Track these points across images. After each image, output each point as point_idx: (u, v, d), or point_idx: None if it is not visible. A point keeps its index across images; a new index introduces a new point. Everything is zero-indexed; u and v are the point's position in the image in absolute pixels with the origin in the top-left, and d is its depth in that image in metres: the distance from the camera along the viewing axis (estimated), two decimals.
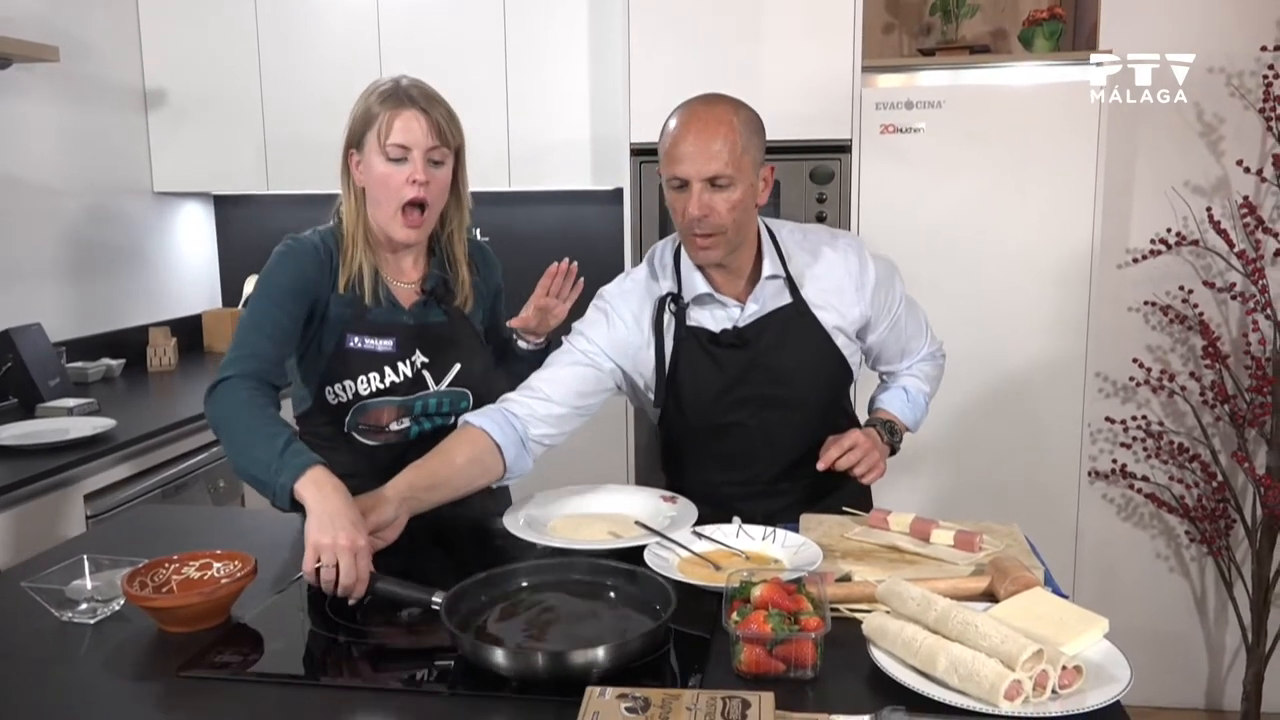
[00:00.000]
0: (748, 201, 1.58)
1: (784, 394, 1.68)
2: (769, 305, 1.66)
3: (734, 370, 1.67)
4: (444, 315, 1.71)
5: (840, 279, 1.67)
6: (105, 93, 3.25)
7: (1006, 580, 1.26)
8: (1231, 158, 2.93)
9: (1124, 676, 1.06)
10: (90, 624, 1.29)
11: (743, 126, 1.56)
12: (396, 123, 1.56)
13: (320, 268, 1.62)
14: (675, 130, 1.56)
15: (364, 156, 1.61)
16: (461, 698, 1.09)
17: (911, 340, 1.80)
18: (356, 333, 1.63)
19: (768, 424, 1.69)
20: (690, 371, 1.68)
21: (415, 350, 1.66)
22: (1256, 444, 2.96)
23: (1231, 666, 3.16)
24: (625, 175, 2.91)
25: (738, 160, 1.53)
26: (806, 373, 1.68)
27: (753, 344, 1.65)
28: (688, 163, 1.53)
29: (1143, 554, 3.16)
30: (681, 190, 1.56)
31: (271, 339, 1.57)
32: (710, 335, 1.67)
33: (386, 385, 1.64)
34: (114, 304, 3.30)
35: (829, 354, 1.68)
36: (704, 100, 1.59)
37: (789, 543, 1.47)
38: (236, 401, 1.48)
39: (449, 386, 1.70)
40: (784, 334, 1.65)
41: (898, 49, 3.29)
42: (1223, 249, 2.92)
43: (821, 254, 1.69)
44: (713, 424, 1.71)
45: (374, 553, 1.35)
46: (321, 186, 3.42)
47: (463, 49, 3.20)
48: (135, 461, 2.39)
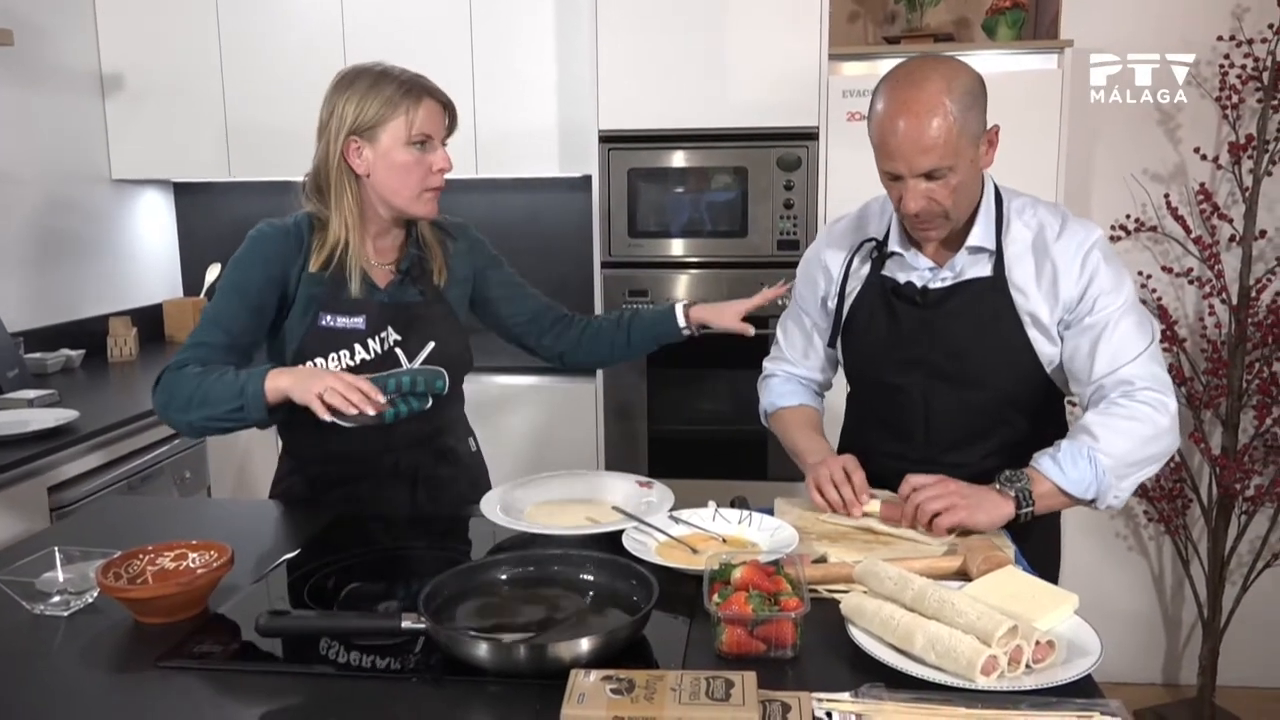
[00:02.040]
0: (970, 177, 1.48)
1: (957, 369, 1.57)
2: (967, 273, 1.56)
3: (910, 328, 1.59)
4: (420, 295, 1.73)
5: (1048, 266, 1.52)
6: (61, 77, 3.18)
7: (979, 559, 1.29)
8: (1188, 146, 2.99)
9: (1094, 650, 1.09)
10: (64, 616, 1.27)
11: (957, 105, 1.41)
12: (423, 112, 1.61)
13: (289, 250, 1.65)
14: (883, 116, 1.44)
15: (375, 144, 1.62)
16: (443, 683, 1.09)
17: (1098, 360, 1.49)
18: (329, 311, 1.66)
19: (934, 396, 1.60)
20: (866, 317, 1.64)
21: (386, 327, 1.68)
22: (1212, 425, 3.03)
23: (1188, 642, 3.25)
24: (594, 162, 2.90)
25: (954, 146, 1.42)
26: (986, 352, 1.55)
27: (934, 307, 1.57)
28: (900, 159, 1.43)
29: (1102, 534, 3.23)
30: (895, 181, 1.47)
31: (228, 332, 1.62)
32: (895, 286, 1.61)
33: (356, 363, 1.66)
34: (72, 293, 3.24)
35: (1017, 340, 1.54)
36: (911, 80, 1.44)
37: (765, 526, 1.49)
38: (181, 376, 1.56)
39: (422, 364, 1.71)
40: (971, 306, 1.55)
41: (863, 37, 3.32)
42: (1180, 235, 2.98)
43: (1042, 235, 1.54)
44: (879, 381, 1.66)
45: None
46: (284, 173, 3.38)
47: (429, 34, 3.16)
48: (100, 453, 2.35)
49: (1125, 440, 1.43)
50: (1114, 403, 1.47)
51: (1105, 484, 1.43)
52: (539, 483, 1.68)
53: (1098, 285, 1.50)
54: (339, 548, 1.52)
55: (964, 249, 1.55)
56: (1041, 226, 1.55)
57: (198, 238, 3.79)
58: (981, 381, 1.58)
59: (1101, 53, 2.98)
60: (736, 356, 2.92)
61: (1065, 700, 1.00)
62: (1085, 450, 1.43)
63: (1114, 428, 1.44)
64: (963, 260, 1.56)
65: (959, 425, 1.61)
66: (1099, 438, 1.43)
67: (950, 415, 1.61)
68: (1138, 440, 1.44)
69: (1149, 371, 1.47)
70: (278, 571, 1.42)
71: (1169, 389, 1.48)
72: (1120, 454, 1.43)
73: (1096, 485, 1.43)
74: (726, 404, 2.98)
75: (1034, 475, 1.44)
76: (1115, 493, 1.44)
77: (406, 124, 1.60)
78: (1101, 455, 1.42)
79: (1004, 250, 1.55)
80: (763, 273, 2.86)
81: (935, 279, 1.58)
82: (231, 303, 1.63)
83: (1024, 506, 1.42)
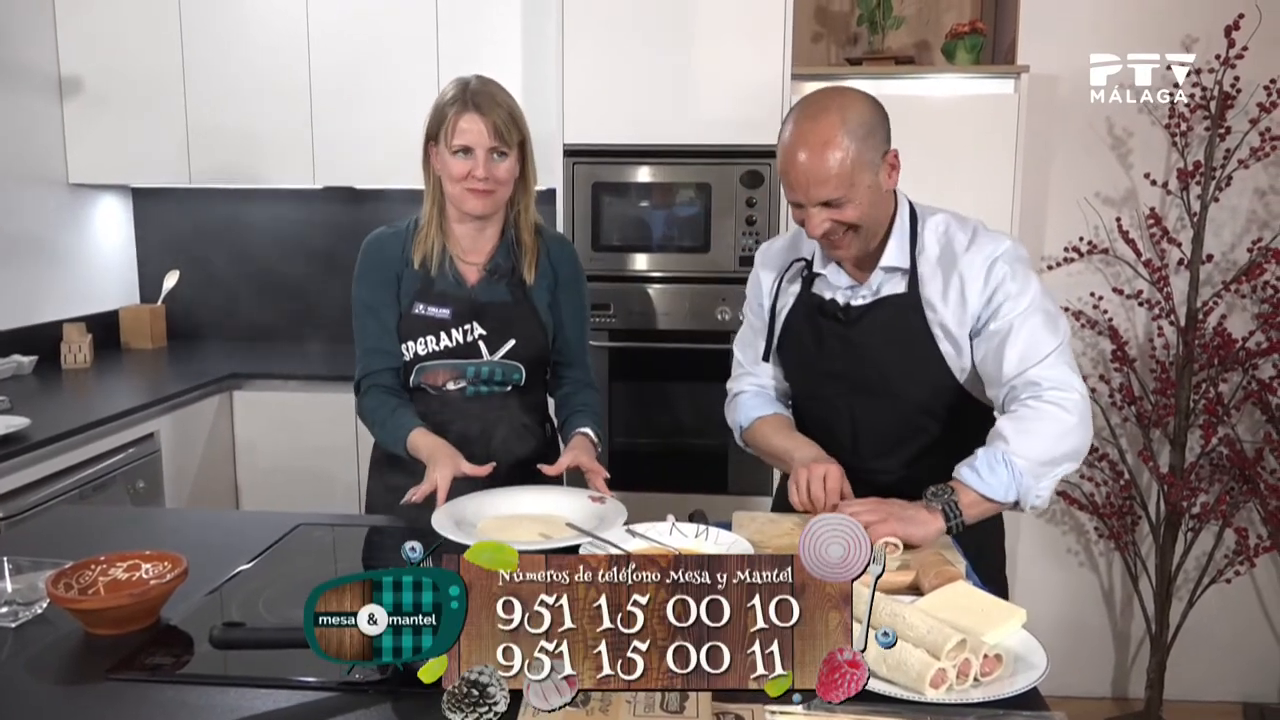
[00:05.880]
0: (871, 201, 1.55)
1: (877, 382, 1.66)
2: (884, 291, 1.65)
3: (833, 343, 1.69)
4: (508, 294, 1.89)
5: (955, 280, 1.59)
6: (17, 78, 3.13)
7: (931, 574, 1.31)
8: (1139, 171, 3.07)
9: (1041, 664, 1.11)
10: (11, 628, 1.25)
11: (850, 137, 1.49)
12: (460, 124, 1.77)
13: (393, 250, 1.88)
14: (786, 147, 1.53)
15: (439, 150, 1.81)
16: (398, 696, 1.09)
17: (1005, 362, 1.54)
18: (422, 301, 1.85)
19: (858, 408, 1.70)
20: (796, 334, 1.74)
21: (472, 320, 1.85)
22: (1160, 444, 3.11)
23: (1136, 656, 3.31)
24: (558, 176, 2.91)
25: (849, 177, 1.50)
26: (902, 365, 1.64)
27: (855, 323, 1.66)
28: (799, 189, 1.52)
29: (1054, 549, 3.29)
30: (799, 207, 1.56)
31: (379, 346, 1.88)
32: (820, 304, 1.70)
33: (441, 348, 1.85)
34: (25, 298, 3.19)
35: (930, 353, 1.62)
36: (809, 113, 1.52)
37: (721, 540, 1.49)
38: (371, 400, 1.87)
39: (502, 359, 1.87)
40: (888, 322, 1.64)
41: (826, 58, 3.37)
42: (1131, 258, 3.05)
43: (951, 250, 1.61)
44: (810, 394, 1.77)
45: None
46: (247, 181, 3.36)
47: (393, 45, 3.17)
48: (51, 462, 2.31)
49: (1037, 441, 1.48)
50: (1024, 404, 1.52)
51: (1024, 486, 1.48)
52: (489, 498, 1.66)
53: (1002, 292, 1.56)
54: (295, 559, 1.51)
55: (878, 268, 1.63)
56: (950, 241, 1.62)
57: (156, 244, 3.74)
58: (899, 393, 1.66)
59: (1057, 78, 3.05)
60: (697, 370, 2.95)
61: (1012, 713, 1.02)
62: (1000, 455, 1.47)
63: (1025, 430, 1.49)
64: (879, 278, 1.64)
65: (882, 435, 1.70)
66: (1011, 441, 1.48)
67: (873, 426, 1.70)
68: (1049, 440, 1.49)
69: (1056, 373, 1.52)
70: (232, 583, 1.41)
71: (1076, 387, 1.52)
72: (1034, 455, 1.47)
73: (1016, 488, 1.47)
74: (687, 417, 3.00)
75: (957, 486, 1.49)
76: (1036, 493, 1.49)
77: (448, 133, 1.78)
78: (1016, 459, 1.47)
79: (918, 268, 1.62)
80: (725, 288, 2.89)
81: (855, 296, 1.67)
82: (365, 321, 1.88)
83: (952, 519, 1.47)
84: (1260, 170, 3.00)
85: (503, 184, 1.81)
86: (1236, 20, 2.76)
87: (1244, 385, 2.99)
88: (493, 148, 1.77)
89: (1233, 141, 2.87)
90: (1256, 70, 2.81)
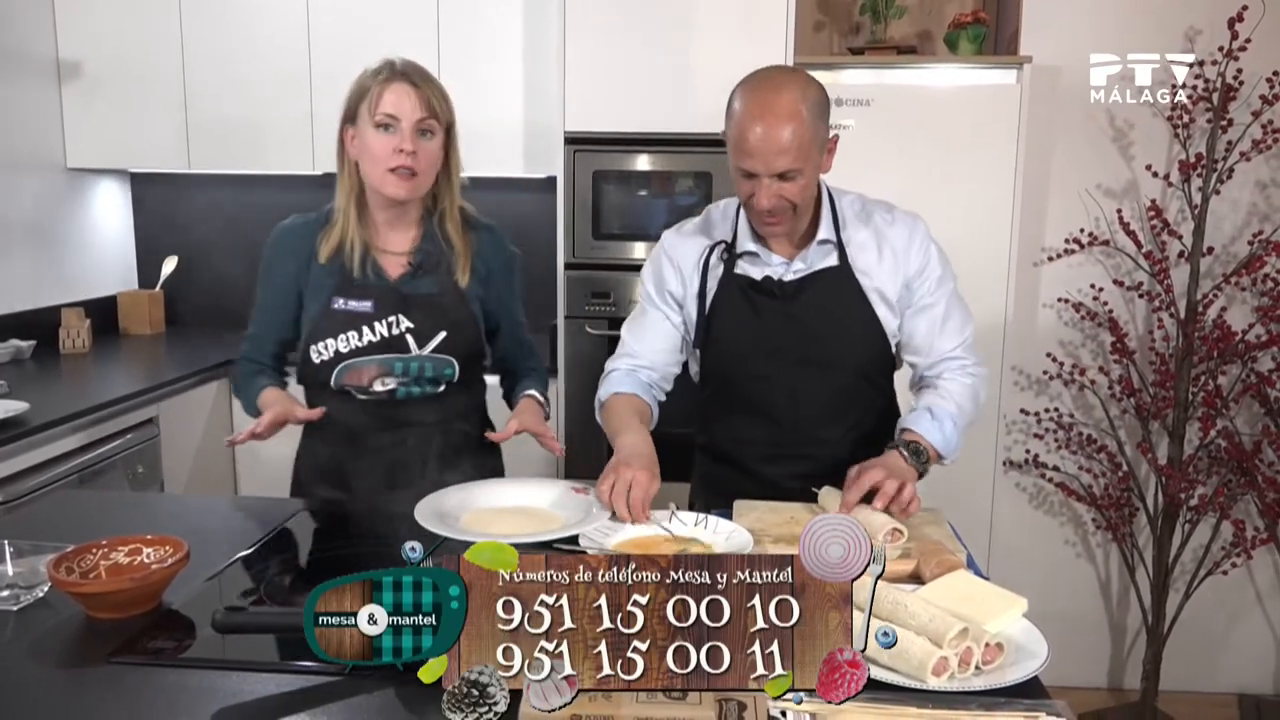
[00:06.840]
0: (813, 180, 1.62)
1: (817, 353, 1.71)
2: (815, 265, 1.70)
3: (771, 320, 1.71)
4: (435, 286, 1.80)
5: (887, 249, 1.70)
6: (15, 63, 3.12)
7: (932, 563, 1.31)
8: (1141, 162, 3.06)
9: (1042, 653, 1.12)
10: (13, 611, 1.25)
11: (810, 112, 1.53)
12: (387, 94, 1.68)
13: (298, 245, 1.79)
14: (743, 117, 1.54)
15: (357, 129, 1.72)
16: (400, 679, 1.09)
17: (942, 337, 1.73)
18: (341, 296, 1.76)
19: (797, 381, 1.73)
20: (728, 316, 1.74)
21: (397, 313, 1.76)
22: (1159, 436, 3.11)
23: (1132, 647, 3.33)
24: (559, 163, 2.91)
25: (806, 150, 1.54)
26: (842, 335, 1.71)
27: (792, 298, 1.70)
28: (757, 158, 1.53)
29: (1052, 540, 3.30)
30: (749, 178, 1.58)
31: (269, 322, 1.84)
32: (752, 282, 1.72)
33: (364, 344, 1.75)
34: (24, 283, 3.18)
35: (867, 319, 1.71)
36: (771, 84, 1.55)
37: (720, 529, 1.50)
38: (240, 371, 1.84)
39: (432, 353, 1.78)
40: (825, 293, 1.70)
41: (828, 47, 3.36)
42: (1131, 250, 3.05)
43: (874, 223, 1.72)
44: (745, 374, 1.76)
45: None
46: (246, 166, 3.35)
47: (394, 31, 3.15)
48: (50, 447, 2.31)
49: (970, 405, 1.72)
50: (955, 374, 1.73)
51: (958, 443, 1.68)
52: (471, 491, 1.62)
53: (934, 266, 1.72)
54: (296, 544, 1.51)
55: (815, 242, 1.69)
56: (870, 214, 1.74)
57: (155, 229, 3.73)
58: (838, 362, 1.73)
59: (1059, 69, 3.04)
60: None
61: (1013, 701, 1.03)
62: (950, 421, 1.66)
63: (963, 395, 1.71)
64: (814, 253, 1.70)
65: (822, 405, 1.75)
66: (959, 405, 1.68)
67: (814, 396, 1.74)
68: (974, 406, 1.73)
69: (966, 346, 1.75)
70: (234, 567, 1.41)
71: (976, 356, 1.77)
72: (967, 417, 1.71)
73: (956, 443, 1.67)
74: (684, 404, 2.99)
75: (922, 443, 1.63)
76: (958, 447, 1.68)
77: (371, 104, 1.68)
78: (961, 419, 1.68)
79: (844, 241, 1.71)
80: None
81: (789, 272, 1.71)
82: (265, 294, 1.82)
83: (922, 469, 1.62)
84: (1262, 163, 2.99)
85: (427, 168, 1.72)
86: (1240, 12, 2.76)
87: (1243, 378, 2.99)
88: (420, 121, 1.69)
89: (1234, 134, 2.87)
90: (1259, 63, 2.81)
